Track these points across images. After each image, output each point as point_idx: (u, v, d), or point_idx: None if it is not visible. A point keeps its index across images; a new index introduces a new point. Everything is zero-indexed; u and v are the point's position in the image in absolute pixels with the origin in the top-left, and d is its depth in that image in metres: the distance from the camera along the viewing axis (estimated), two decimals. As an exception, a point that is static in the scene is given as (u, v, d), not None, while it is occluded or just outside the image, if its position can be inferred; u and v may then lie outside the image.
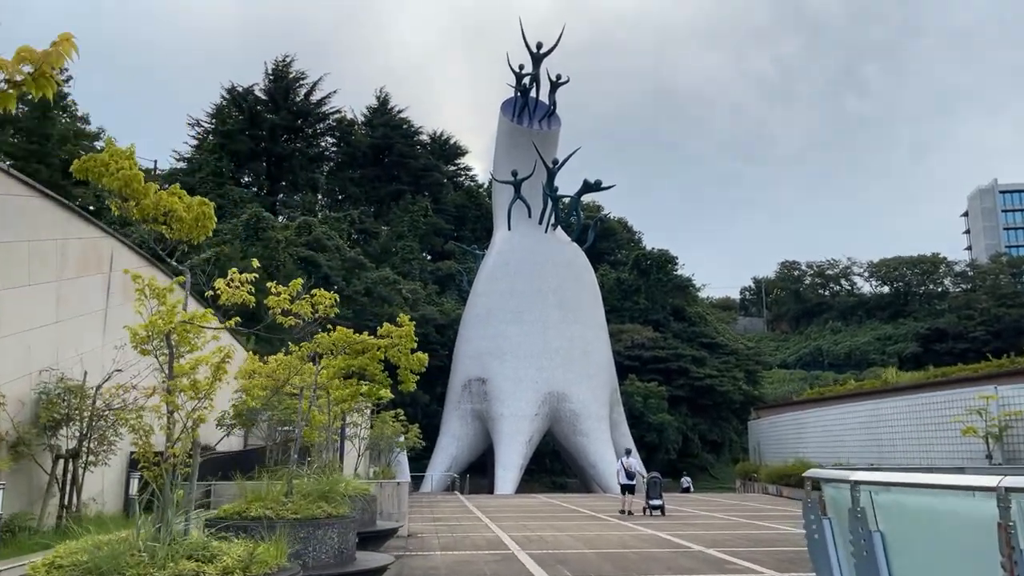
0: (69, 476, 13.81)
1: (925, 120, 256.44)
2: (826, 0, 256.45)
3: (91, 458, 14.01)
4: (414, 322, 12.57)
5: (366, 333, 12.18)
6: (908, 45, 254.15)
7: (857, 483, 5.78)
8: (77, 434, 13.92)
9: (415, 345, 12.01)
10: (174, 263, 7.96)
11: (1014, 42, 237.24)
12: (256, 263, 8.62)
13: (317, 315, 10.02)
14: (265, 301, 9.29)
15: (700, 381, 71.30)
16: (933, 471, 6.35)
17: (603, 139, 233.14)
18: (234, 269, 8.45)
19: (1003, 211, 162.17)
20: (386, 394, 12.79)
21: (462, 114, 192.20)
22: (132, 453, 15.88)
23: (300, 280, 10.06)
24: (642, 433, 62.79)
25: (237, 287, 7.71)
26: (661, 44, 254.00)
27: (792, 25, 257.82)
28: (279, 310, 9.33)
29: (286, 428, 18.72)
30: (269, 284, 9.64)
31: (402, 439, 32.94)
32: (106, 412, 14.17)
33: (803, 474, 7.40)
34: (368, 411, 27.60)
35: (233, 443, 24.89)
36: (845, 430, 33.52)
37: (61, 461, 13.85)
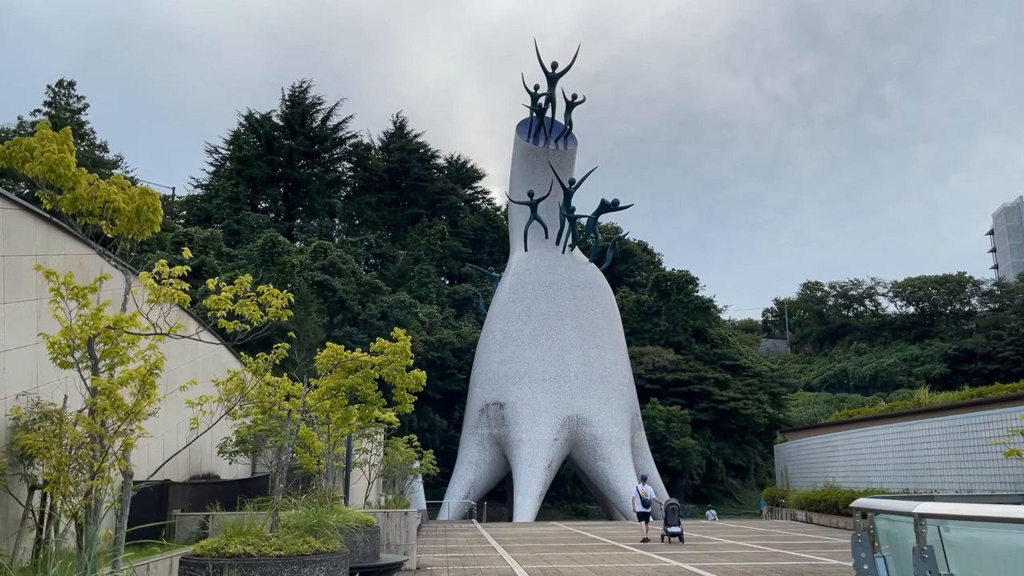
0: (47, 509, 12.96)
1: (946, 139, 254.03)
2: (844, 21, 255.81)
3: (70, 488, 13.15)
4: (410, 337, 11.70)
5: (359, 350, 11.31)
6: (927, 65, 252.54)
7: (923, 516, 4.79)
8: (55, 463, 13.08)
9: (411, 362, 11.14)
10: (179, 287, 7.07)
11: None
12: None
13: (267, 318, 8.53)
14: (204, 302, 8.17)
15: (723, 404, 69.75)
16: (992, 498, 5.31)
17: (624, 163, 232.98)
18: (162, 261, 7.52)
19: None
20: (391, 418, 11.97)
21: (480, 142, 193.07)
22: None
23: (249, 276, 8.79)
24: (665, 458, 61.34)
25: (169, 284, 6.80)
26: (681, 68, 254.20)
27: (810, 46, 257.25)
28: (222, 312, 8.19)
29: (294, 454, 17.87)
30: (210, 281, 8.36)
31: (416, 465, 31.93)
32: (86, 439, 13.33)
33: (852, 504, 6.40)
34: (380, 436, 26.72)
35: (240, 471, 24.08)
36: (877, 453, 32.13)
37: (37, 492, 13.01)
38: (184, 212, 79.26)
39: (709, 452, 67.34)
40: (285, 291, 8.68)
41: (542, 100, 55.02)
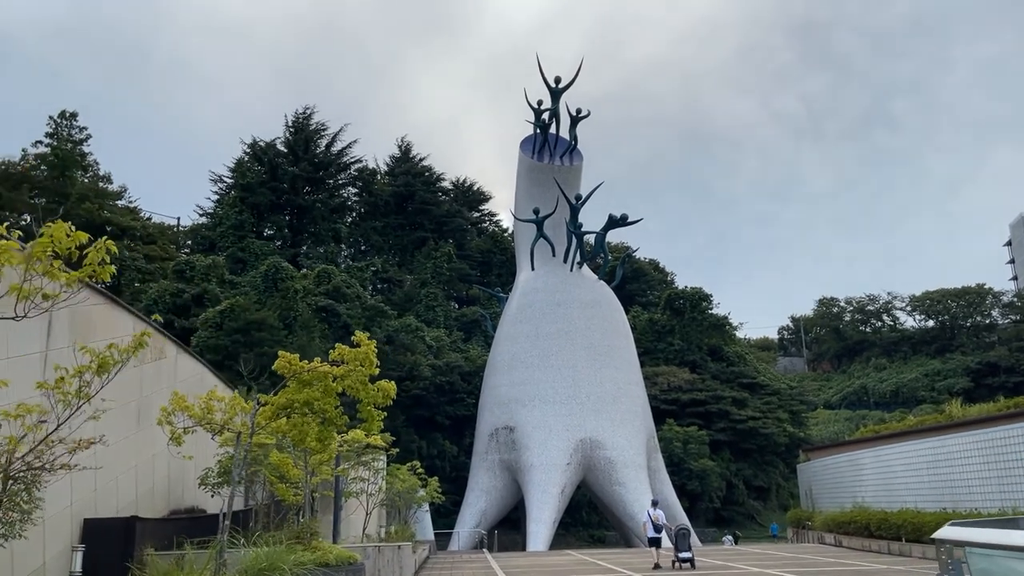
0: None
1: (958, 152, 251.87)
2: (850, 37, 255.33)
3: (2, 529, 11.75)
4: (374, 342, 10.22)
5: (318, 360, 9.85)
6: (936, 78, 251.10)
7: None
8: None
9: (377, 371, 9.66)
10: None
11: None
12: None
13: (75, 276, 6.10)
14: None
15: (742, 424, 67.72)
16: None
17: (633, 185, 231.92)
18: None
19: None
20: (359, 436, 10.54)
21: (489, 166, 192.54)
22: (86, 520, 13.60)
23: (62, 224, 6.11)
24: (683, 481, 59.31)
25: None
26: (688, 88, 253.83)
27: (818, 63, 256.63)
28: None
29: (290, 483, 16.31)
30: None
31: (421, 493, 30.31)
32: (24, 472, 11.94)
33: (937, 534, 4.87)
34: (380, 464, 25.18)
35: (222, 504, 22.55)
36: (908, 471, 30.24)
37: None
38: (189, 242, 78.47)
39: (729, 473, 65.22)
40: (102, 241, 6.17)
41: (546, 115, 53.88)
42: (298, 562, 11.10)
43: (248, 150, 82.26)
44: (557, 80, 53.73)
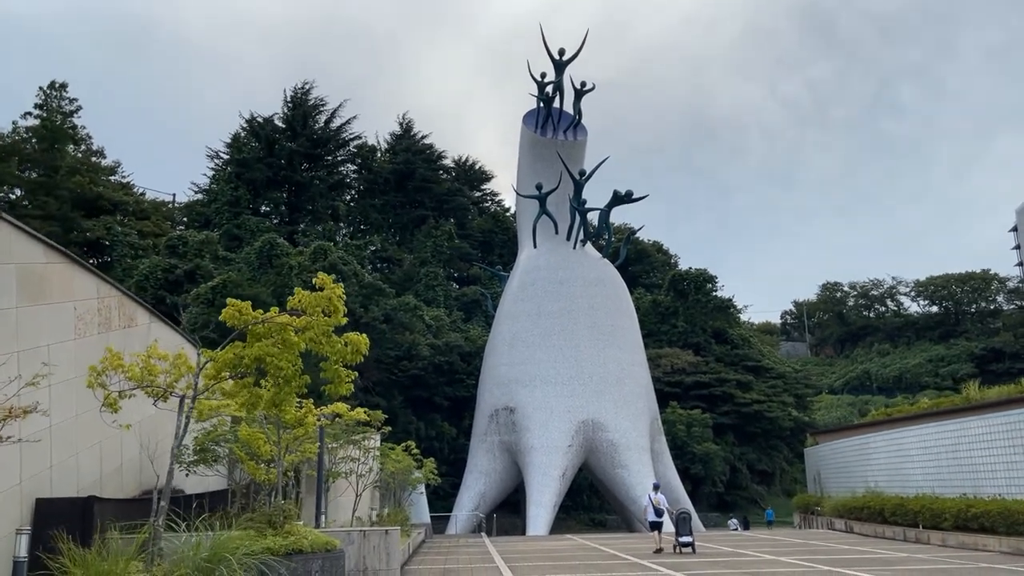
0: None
1: (963, 139, 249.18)
2: (857, 23, 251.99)
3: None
4: (341, 285, 8.81)
5: (275, 309, 8.42)
6: (942, 65, 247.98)
7: None
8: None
9: (344, 320, 8.24)
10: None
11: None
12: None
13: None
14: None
15: (747, 407, 66.51)
16: None
17: (637, 169, 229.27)
18: None
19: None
20: (341, 408, 9.16)
21: (492, 151, 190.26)
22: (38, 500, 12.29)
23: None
24: (686, 464, 58.18)
25: None
26: (693, 73, 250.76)
27: (824, 49, 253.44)
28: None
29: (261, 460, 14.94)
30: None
31: (416, 475, 29.03)
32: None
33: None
34: (372, 443, 23.90)
35: (212, 483, 21.27)
36: (926, 454, 28.96)
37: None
38: (184, 218, 77.00)
39: (732, 457, 64.08)
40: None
41: (549, 89, 52.24)
42: (266, 548, 9.78)
43: (245, 125, 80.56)
44: (561, 52, 52.05)
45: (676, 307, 74.37)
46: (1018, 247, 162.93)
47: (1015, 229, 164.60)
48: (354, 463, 20.91)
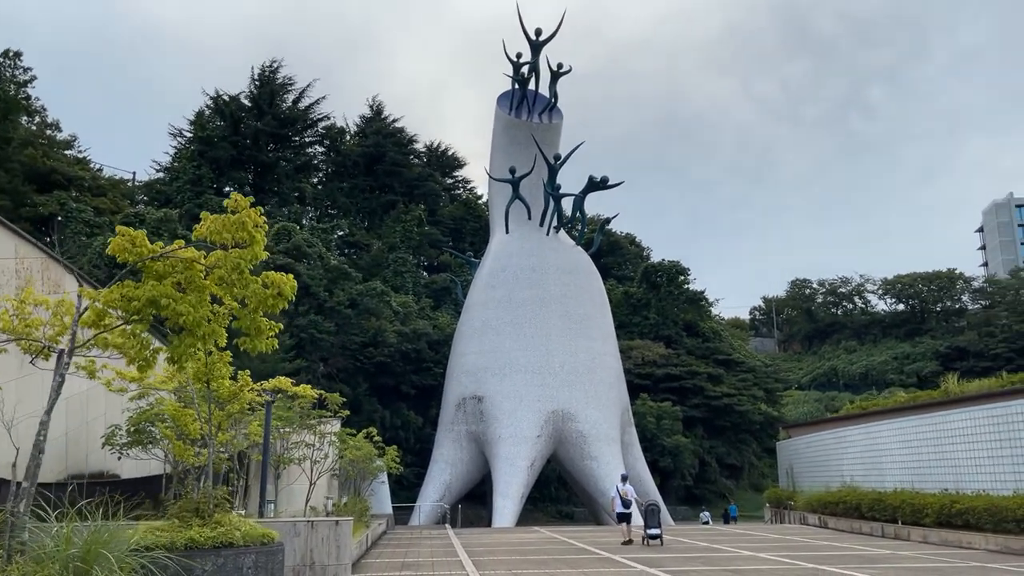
0: None
1: (932, 141, 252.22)
2: (832, 22, 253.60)
3: None
4: (259, 208, 7.35)
5: (180, 242, 6.93)
6: (914, 66, 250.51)
7: None
8: None
9: (265, 255, 6.78)
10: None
11: (1020, 63, 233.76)
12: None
13: None
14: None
15: (717, 400, 65.90)
16: None
17: (611, 165, 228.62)
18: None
19: (1020, 225, 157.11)
20: (284, 382, 7.73)
21: (466, 141, 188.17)
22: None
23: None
24: (655, 457, 57.33)
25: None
26: (669, 69, 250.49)
27: (799, 47, 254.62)
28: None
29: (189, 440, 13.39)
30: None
31: (378, 463, 27.59)
32: None
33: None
34: (330, 427, 22.40)
35: (153, 468, 19.65)
36: (905, 448, 28.15)
37: None
38: (143, 196, 74.32)
39: (702, 451, 63.42)
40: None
41: (525, 70, 50.84)
42: (188, 541, 8.33)
43: (210, 103, 77.93)
44: (538, 33, 50.68)
45: (648, 299, 73.53)
46: (984, 248, 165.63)
47: (981, 230, 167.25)
48: (309, 449, 19.44)
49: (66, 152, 67.33)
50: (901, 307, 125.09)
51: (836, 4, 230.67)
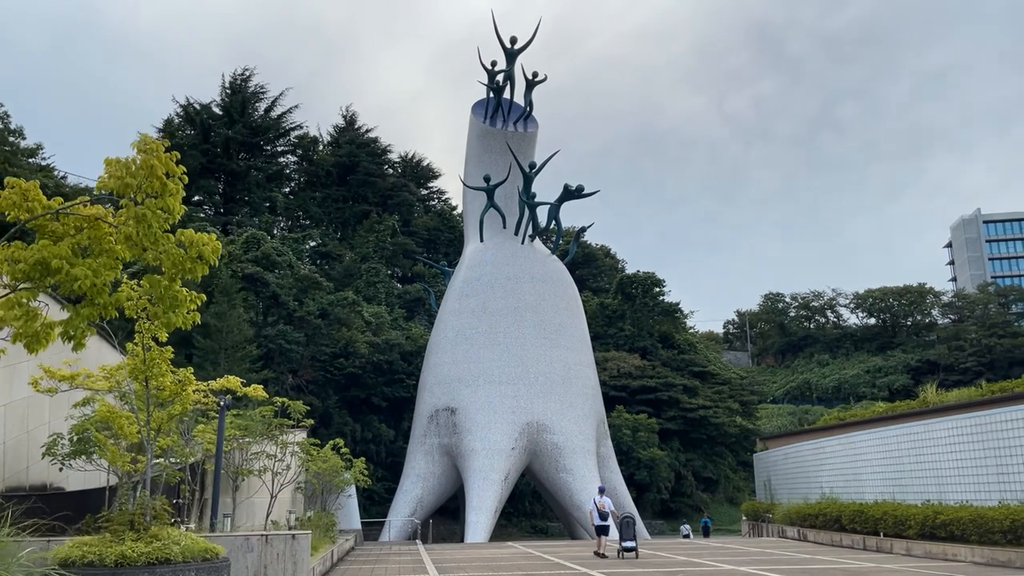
0: None
1: (900, 159, 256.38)
2: (804, 41, 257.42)
3: None
4: (165, 142, 6.43)
5: (84, 197, 6.08)
6: (882, 86, 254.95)
7: None
8: None
9: (182, 208, 5.88)
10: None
11: (986, 84, 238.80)
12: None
13: None
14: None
15: (693, 412, 65.40)
16: None
17: (585, 180, 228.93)
18: None
19: (987, 241, 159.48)
20: (234, 382, 6.82)
21: (441, 159, 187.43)
22: None
23: None
24: (631, 470, 56.60)
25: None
26: (643, 85, 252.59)
27: (771, 65, 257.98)
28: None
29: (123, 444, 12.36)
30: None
31: (345, 476, 26.52)
32: None
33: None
34: (293, 437, 21.36)
35: (101, 480, 18.44)
36: (886, 459, 27.65)
37: None
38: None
39: (678, 464, 62.79)
40: None
41: (500, 78, 50.23)
42: (118, 556, 7.39)
43: (180, 111, 76.53)
44: (513, 41, 50.12)
45: (623, 310, 73.04)
46: (952, 263, 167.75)
47: (949, 245, 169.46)
48: (270, 460, 18.41)
49: (30, 160, 65.52)
50: (872, 321, 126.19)
51: (807, 23, 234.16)
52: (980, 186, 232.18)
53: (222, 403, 13.45)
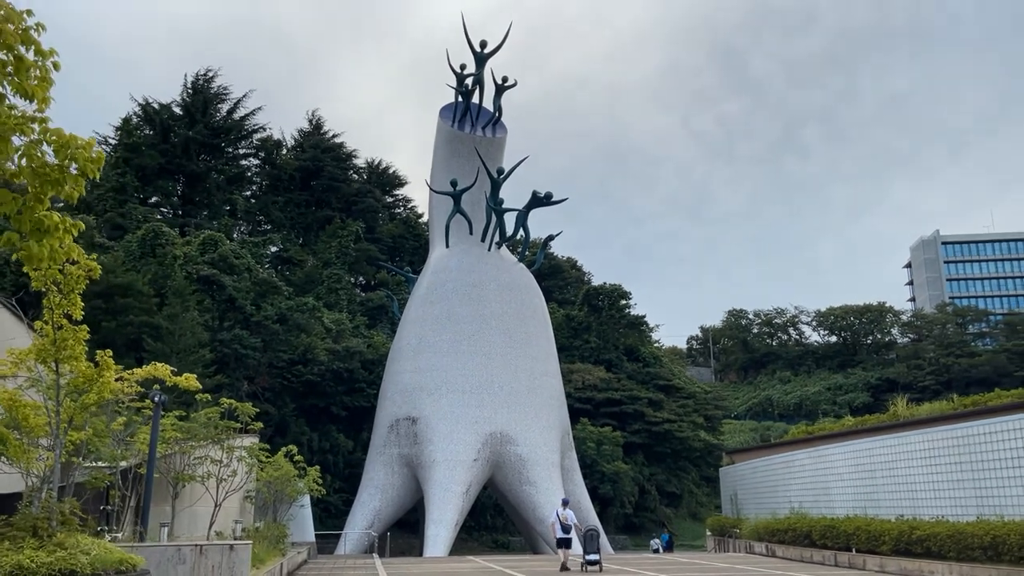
0: None
1: (861, 181, 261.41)
2: (768, 63, 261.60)
3: None
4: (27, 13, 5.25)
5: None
6: (844, 110, 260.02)
7: None
8: None
9: (49, 98, 4.67)
10: None
11: (947, 108, 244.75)
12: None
13: None
14: None
15: (657, 426, 64.78)
16: None
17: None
18: None
19: (945, 262, 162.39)
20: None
21: (408, 168, 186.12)
22: None
23: None
24: (595, 484, 55.63)
25: None
26: (612, 104, 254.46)
27: (736, 86, 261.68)
28: None
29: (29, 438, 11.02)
30: None
31: (299, 485, 25.15)
32: None
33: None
34: (240, 442, 20.01)
35: (14, 482, 16.92)
36: (857, 472, 27.09)
37: None
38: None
39: (642, 478, 62.03)
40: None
41: (469, 82, 49.36)
42: (14, 567, 6.19)
43: (139, 111, 74.39)
44: (483, 44, 49.33)
45: (589, 322, 72.37)
46: (912, 283, 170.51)
47: (909, 266, 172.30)
48: (215, 465, 17.08)
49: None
50: (834, 339, 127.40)
51: (772, 46, 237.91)
52: (939, 208, 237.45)
53: (156, 398, 12.22)
